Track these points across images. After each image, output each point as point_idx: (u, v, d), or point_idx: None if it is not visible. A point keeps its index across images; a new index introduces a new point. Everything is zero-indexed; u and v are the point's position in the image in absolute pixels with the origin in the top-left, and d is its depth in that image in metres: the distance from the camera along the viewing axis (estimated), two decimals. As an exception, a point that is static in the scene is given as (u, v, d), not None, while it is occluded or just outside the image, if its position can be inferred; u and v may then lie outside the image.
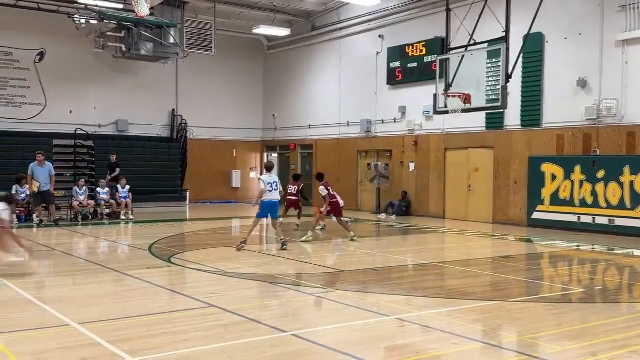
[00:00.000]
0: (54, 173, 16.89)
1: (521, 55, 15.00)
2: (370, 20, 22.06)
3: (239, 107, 26.60)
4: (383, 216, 20.01)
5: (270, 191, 12.00)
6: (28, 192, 16.95)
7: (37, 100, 22.12)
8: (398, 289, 8.61)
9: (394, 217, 19.86)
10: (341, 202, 14.59)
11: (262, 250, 12.63)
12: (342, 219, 14.44)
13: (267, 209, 12.11)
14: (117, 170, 19.45)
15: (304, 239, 13.31)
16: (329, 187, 14.17)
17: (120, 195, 18.62)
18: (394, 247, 13.84)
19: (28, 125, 21.70)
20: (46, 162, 16.57)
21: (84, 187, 18.23)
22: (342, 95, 23.54)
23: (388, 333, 6.34)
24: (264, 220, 13.75)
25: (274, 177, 12.32)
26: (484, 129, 18.40)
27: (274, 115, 26.79)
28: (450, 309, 7.22)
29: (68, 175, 20.64)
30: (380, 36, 21.77)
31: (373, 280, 9.38)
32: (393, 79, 21.25)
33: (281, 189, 12.50)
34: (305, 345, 5.81)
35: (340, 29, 23.34)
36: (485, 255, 12.36)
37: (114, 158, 19.87)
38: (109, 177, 19.15)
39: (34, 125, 21.78)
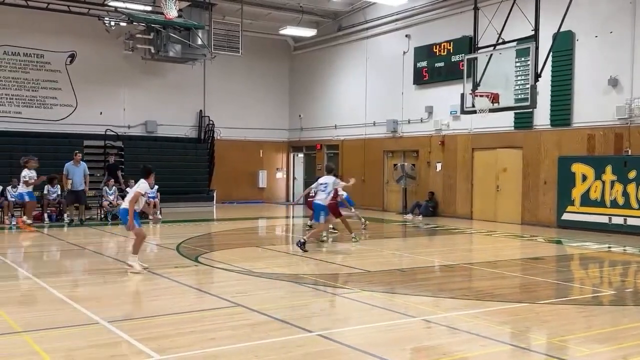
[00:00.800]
0: (88, 173, 17.19)
1: (551, 53, 14.79)
2: (397, 20, 21.97)
3: (266, 108, 26.72)
4: (409, 217, 19.91)
5: (315, 193, 12.06)
6: (59, 192, 17.27)
7: (68, 101, 22.52)
8: (425, 290, 8.55)
9: (420, 217, 19.74)
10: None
11: (288, 250, 12.66)
12: (346, 218, 13.90)
13: (315, 210, 12.24)
14: (119, 173, 19.24)
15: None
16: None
17: (149, 195, 18.83)
18: (420, 247, 13.76)
19: (59, 126, 22.10)
20: (81, 162, 16.90)
21: (114, 187, 18.49)
22: (368, 95, 23.48)
23: (415, 334, 6.31)
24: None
25: (325, 178, 12.20)
26: (513, 128, 18.18)
27: (300, 116, 26.85)
28: (478, 311, 7.15)
29: (98, 175, 20.96)
30: (407, 36, 21.67)
31: (399, 281, 9.33)
32: (420, 79, 21.13)
33: (331, 190, 12.23)
34: (331, 345, 5.81)
35: (367, 28, 23.30)
36: (514, 256, 12.20)
37: (112, 159, 19.70)
38: (107, 180, 18.55)
39: (64, 127, 22.17)
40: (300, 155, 27.46)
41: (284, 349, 5.64)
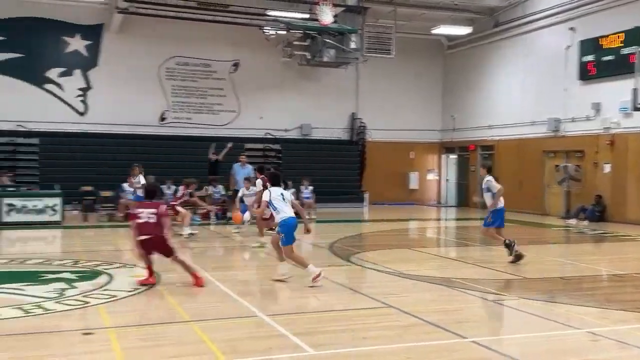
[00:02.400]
0: (253, 175, 18.20)
1: None
2: (559, 13, 20.68)
3: (417, 109, 26.49)
4: (573, 221, 18.62)
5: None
6: (222, 192, 18.46)
7: (232, 107, 24.04)
8: (590, 300, 7.96)
9: (585, 222, 18.38)
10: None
11: (439, 252, 12.44)
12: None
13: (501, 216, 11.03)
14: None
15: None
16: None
17: (304, 195, 19.55)
18: (585, 255, 12.81)
19: (224, 131, 23.62)
20: (246, 164, 17.97)
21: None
22: (525, 93, 22.36)
23: (578, 346, 5.89)
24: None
25: (488, 178, 10.90)
26: (696, 125, 16.31)
27: (452, 116, 26.27)
28: (653, 326, 6.51)
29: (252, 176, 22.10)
30: (570, 29, 20.30)
31: (561, 289, 8.78)
32: (585, 74, 19.70)
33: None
34: (486, 353, 5.61)
35: (526, 23, 22.21)
36: (697, 268, 10.93)
37: (214, 157, 19.34)
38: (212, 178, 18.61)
39: (228, 131, 23.66)
40: (453, 156, 26.85)
41: (437, 353, 5.56)
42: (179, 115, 23.36)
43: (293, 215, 8.81)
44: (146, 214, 8.27)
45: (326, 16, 20.32)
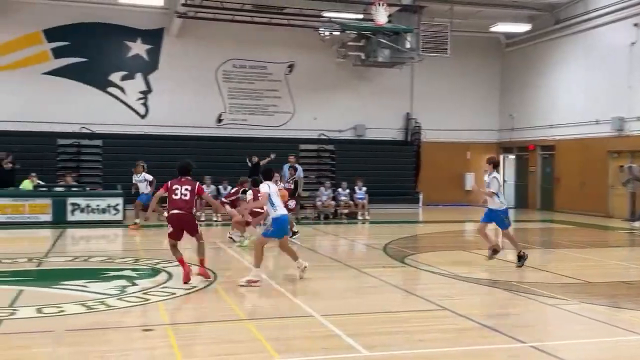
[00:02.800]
0: (302, 175, 18.34)
1: None
2: (623, 8, 19.90)
3: (474, 108, 26.00)
4: (638, 224, 17.89)
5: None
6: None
7: (287, 108, 24.23)
8: (657, 306, 7.63)
9: (651, 225, 17.65)
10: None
11: (497, 255, 12.16)
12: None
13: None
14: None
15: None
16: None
17: (357, 196, 19.53)
18: (651, 259, 12.31)
19: (278, 132, 23.86)
20: (297, 165, 18.09)
21: (330, 189, 19.56)
22: (588, 91, 21.62)
23: (644, 355, 5.67)
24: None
25: (494, 175, 10.67)
26: None
27: (511, 116, 25.68)
28: None
29: (312, 177, 22.22)
30: (635, 25, 19.52)
31: (624, 294, 8.45)
32: (651, 71, 18.92)
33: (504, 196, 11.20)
34: (546, 358, 5.46)
35: (588, 19, 21.48)
36: None
37: (255, 159, 19.41)
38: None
39: (283, 132, 23.88)
40: (512, 156, 26.24)
41: (493, 357, 5.46)
42: (235, 117, 23.71)
43: (286, 212, 9.04)
44: (181, 190, 8.46)
45: (381, 16, 20.24)
